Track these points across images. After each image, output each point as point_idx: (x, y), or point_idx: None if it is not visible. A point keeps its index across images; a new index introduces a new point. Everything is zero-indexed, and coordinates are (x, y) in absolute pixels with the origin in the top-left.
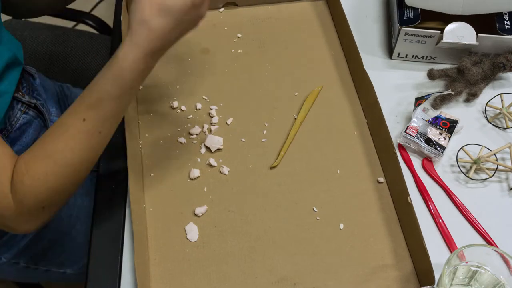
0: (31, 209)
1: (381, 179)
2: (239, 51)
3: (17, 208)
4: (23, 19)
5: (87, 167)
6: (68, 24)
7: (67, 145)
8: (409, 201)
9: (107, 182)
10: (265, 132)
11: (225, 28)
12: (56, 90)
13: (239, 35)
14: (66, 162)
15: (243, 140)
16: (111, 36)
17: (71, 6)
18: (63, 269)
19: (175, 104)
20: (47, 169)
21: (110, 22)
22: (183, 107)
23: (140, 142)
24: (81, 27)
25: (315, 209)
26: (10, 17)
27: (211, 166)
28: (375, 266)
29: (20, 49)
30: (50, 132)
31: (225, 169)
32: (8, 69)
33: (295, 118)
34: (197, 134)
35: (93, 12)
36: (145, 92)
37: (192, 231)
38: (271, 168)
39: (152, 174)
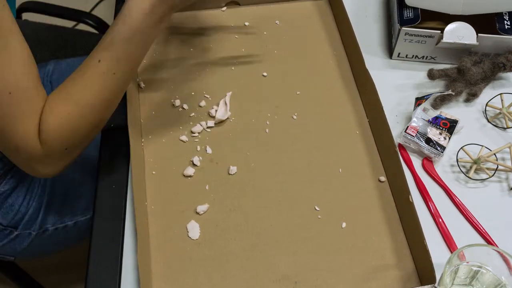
0: (55, 150)
1: (383, 178)
2: (242, 50)
3: (41, 148)
4: (23, 19)
5: (107, 108)
6: (68, 24)
7: (86, 85)
8: (410, 200)
9: (107, 181)
10: (267, 130)
11: (228, 27)
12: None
13: (241, 34)
14: (86, 102)
15: (245, 138)
16: None
17: (71, 6)
18: (87, 214)
19: (177, 102)
20: (69, 109)
21: (110, 22)
22: (185, 106)
23: (142, 140)
24: (81, 27)
25: (316, 207)
26: None
27: (213, 164)
28: (376, 265)
29: None
30: (72, 75)
31: (227, 168)
32: None
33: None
34: (199, 133)
35: (93, 12)
36: (147, 90)
37: (194, 229)
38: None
39: (154, 172)
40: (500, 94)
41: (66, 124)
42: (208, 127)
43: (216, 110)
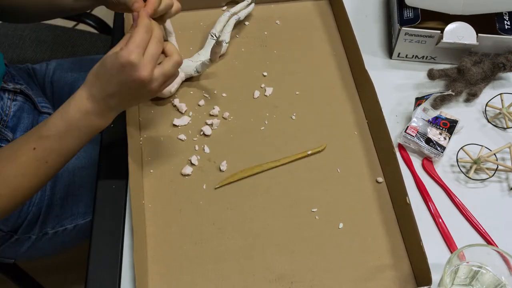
0: None
1: (380, 179)
2: (241, 49)
3: None
4: None
5: (32, 193)
6: (68, 24)
7: (18, 170)
8: (408, 201)
9: (107, 180)
10: (265, 130)
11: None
12: (24, 72)
13: (241, 33)
14: (17, 186)
15: (243, 137)
16: (111, 36)
17: None
18: (87, 217)
19: (176, 101)
20: (1, 191)
21: (110, 22)
22: (183, 105)
23: (141, 139)
24: (81, 27)
25: (314, 208)
26: None
27: (211, 163)
28: (373, 266)
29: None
30: (5, 156)
31: (225, 167)
32: None
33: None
34: (197, 132)
35: (93, 12)
36: None
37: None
38: (216, 188)
39: (151, 171)
40: (500, 94)
41: None
42: (207, 126)
43: (216, 108)
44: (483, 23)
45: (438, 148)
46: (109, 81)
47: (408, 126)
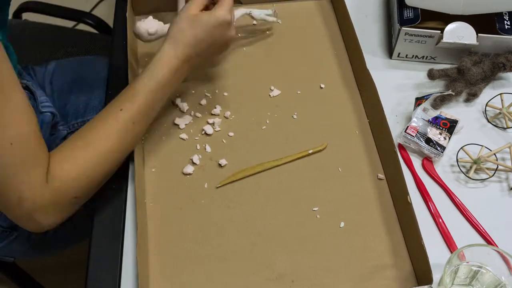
0: (65, 198)
1: (381, 176)
2: (243, 49)
3: (51, 197)
4: (23, 19)
5: (122, 157)
6: (68, 24)
7: (105, 133)
8: (409, 200)
9: (107, 182)
10: (267, 129)
11: None
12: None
13: (242, 33)
14: (105, 149)
15: (245, 137)
16: (111, 36)
17: (71, 6)
18: (75, 222)
19: (178, 100)
20: (87, 156)
21: (110, 22)
22: (185, 104)
23: (142, 138)
24: (81, 27)
25: (315, 207)
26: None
27: (212, 162)
28: (374, 265)
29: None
30: (90, 123)
31: (226, 166)
32: None
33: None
34: (199, 131)
35: (93, 12)
36: None
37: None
38: (217, 187)
39: (153, 170)
40: (500, 94)
41: (83, 170)
42: (208, 125)
43: (218, 107)
44: (483, 23)
45: (438, 148)
46: (202, 39)
47: (408, 126)
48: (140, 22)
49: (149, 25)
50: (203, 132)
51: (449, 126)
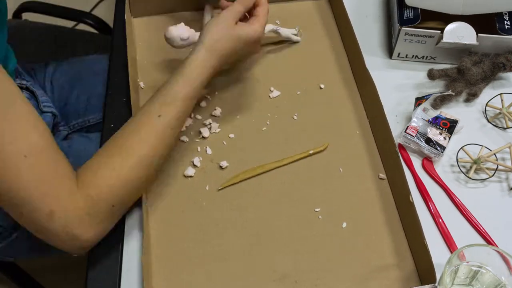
0: (102, 207)
1: (383, 176)
2: None
3: (85, 205)
4: (23, 19)
5: (159, 162)
6: (68, 24)
7: (142, 138)
8: (411, 200)
9: None
10: (267, 130)
11: None
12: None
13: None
14: (142, 154)
15: (245, 138)
16: (111, 36)
17: (71, 6)
18: None
19: None
20: (124, 162)
21: (110, 22)
22: None
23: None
24: (81, 27)
25: (317, 207)
26: (10, 17)
27: (213, 164)
28: (377, 265)
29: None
30: (123, 131)
31: (227, 168)
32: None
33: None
34: (199, 133)
35: (93, 12)
36: (148, 91)
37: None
38: (219, 190)
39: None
40: (500, 94)
41: (120, 177)
42: (208, 128)
43: (218, 108)
44: (483, 23)
45: (438, 148)
46: (236, 52)
47: (408, 126)
48: (173, 27)
49: (181, 31)
50: (201, 135)
51: (449, 126)
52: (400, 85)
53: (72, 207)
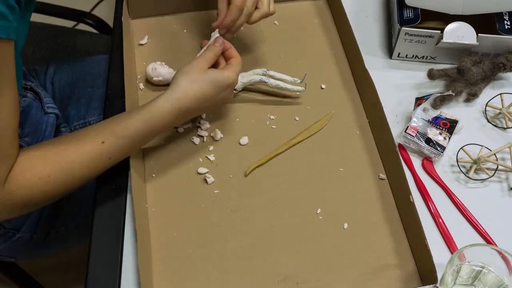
0: (15, 203)
1: (383, 176)
2: (240, 51)
3: (3, 198)
4: None
5: (83, 181)
6: (68, 24)
7: (79, 158)
8: (411, 200)
9: (107, 182)
10: (266, 131)
11: None
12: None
13: (239, 34)
14: (71, 173)
15: (245, 138)
16: (111, 36)
17: (71, 6)
18: (89, 217)
19: None
20: (52, 173)
21: (110, 22)
22: None
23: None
24: (81, 27)
25: (317, 208)
26: None
27: (213, 165)
28: (378, 265)
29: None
30: (67, 140)
31: (227, 168)
32: None
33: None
34: (198, 134)
35: (93, 12)
36: (147, 92)
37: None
38: (246, 175)
39: (153, 175)
40: (500, 94)
41: (41, 185)
42: (209, 129)
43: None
44: (483, 23)
45: (438, 148)
46: (207, 96)
47: (408, 126)
48: (149, 66)
49: (154, 73)
50: (204, 135)
51: (449, 126)
52: (400, 85)
53: None
